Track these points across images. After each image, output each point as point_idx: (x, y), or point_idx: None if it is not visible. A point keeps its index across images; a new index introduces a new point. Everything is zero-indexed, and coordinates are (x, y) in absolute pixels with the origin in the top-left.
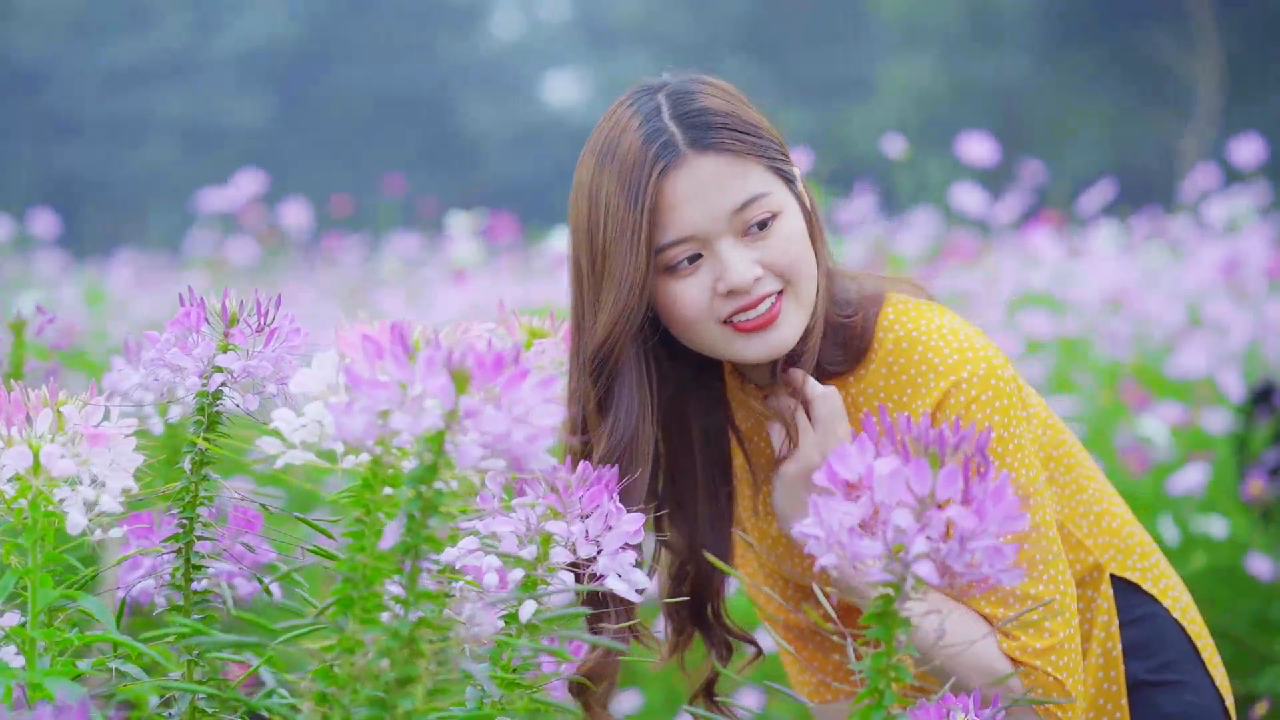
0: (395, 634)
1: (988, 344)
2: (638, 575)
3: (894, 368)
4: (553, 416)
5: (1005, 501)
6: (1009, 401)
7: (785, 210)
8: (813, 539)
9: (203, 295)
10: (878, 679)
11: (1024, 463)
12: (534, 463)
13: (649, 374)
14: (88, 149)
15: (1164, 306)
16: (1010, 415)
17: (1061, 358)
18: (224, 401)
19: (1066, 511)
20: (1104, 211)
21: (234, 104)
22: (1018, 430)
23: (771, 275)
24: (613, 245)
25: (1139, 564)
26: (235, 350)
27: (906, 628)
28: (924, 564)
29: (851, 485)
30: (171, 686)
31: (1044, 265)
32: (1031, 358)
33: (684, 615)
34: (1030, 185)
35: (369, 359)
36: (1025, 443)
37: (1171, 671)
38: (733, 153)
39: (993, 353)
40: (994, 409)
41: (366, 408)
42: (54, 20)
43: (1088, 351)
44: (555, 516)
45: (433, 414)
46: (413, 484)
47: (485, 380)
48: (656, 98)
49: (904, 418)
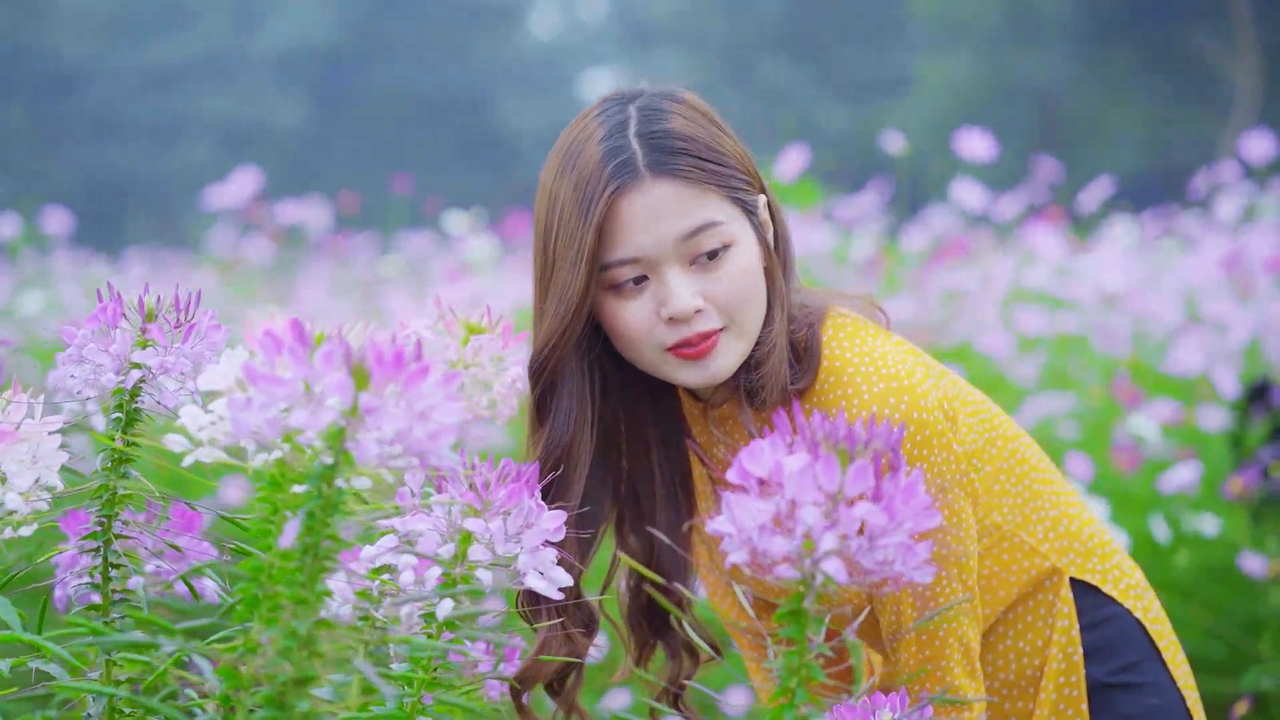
0: (293, 634)
1: (913, 371)
2: (559, 573)
3: (823, 388)
4: (456, 413)
5: (916, 499)
6: (929, 434)
7: (738, 243)
8: (726, 536)
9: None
10: (789, 678)
11: (947, 503)
12: (437, 459)
13: (592, 384)
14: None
15: (1165, 303)
16: (931, 450)
17: (1057, 355)
18: (143, 399)
19: (1019, 519)
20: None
21: (273, 103)
22: (942, 469)
23: (714, 309)
24: (560, 257)
25: (1099, 566)
26: (153, 346)
27: (818, 626)
28: (832, 561)
29: (764, 482)
30: (70, 689)
31: (1043, 262)
32: (1025, 355)
33: (645, 626)
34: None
35: (268, 355)
36: (948, 482)
37: (1133, 673)
38: (690, 180)
39: (917, 381)
40: (914, 444)
41: (264, 404)
42: (94, 20)
43: (1084, 349)
44: (474, 514)
45: (331, 411)
46: (313, 482)
47: (386, 377)
48: (628, 109)
49: (819, 416)
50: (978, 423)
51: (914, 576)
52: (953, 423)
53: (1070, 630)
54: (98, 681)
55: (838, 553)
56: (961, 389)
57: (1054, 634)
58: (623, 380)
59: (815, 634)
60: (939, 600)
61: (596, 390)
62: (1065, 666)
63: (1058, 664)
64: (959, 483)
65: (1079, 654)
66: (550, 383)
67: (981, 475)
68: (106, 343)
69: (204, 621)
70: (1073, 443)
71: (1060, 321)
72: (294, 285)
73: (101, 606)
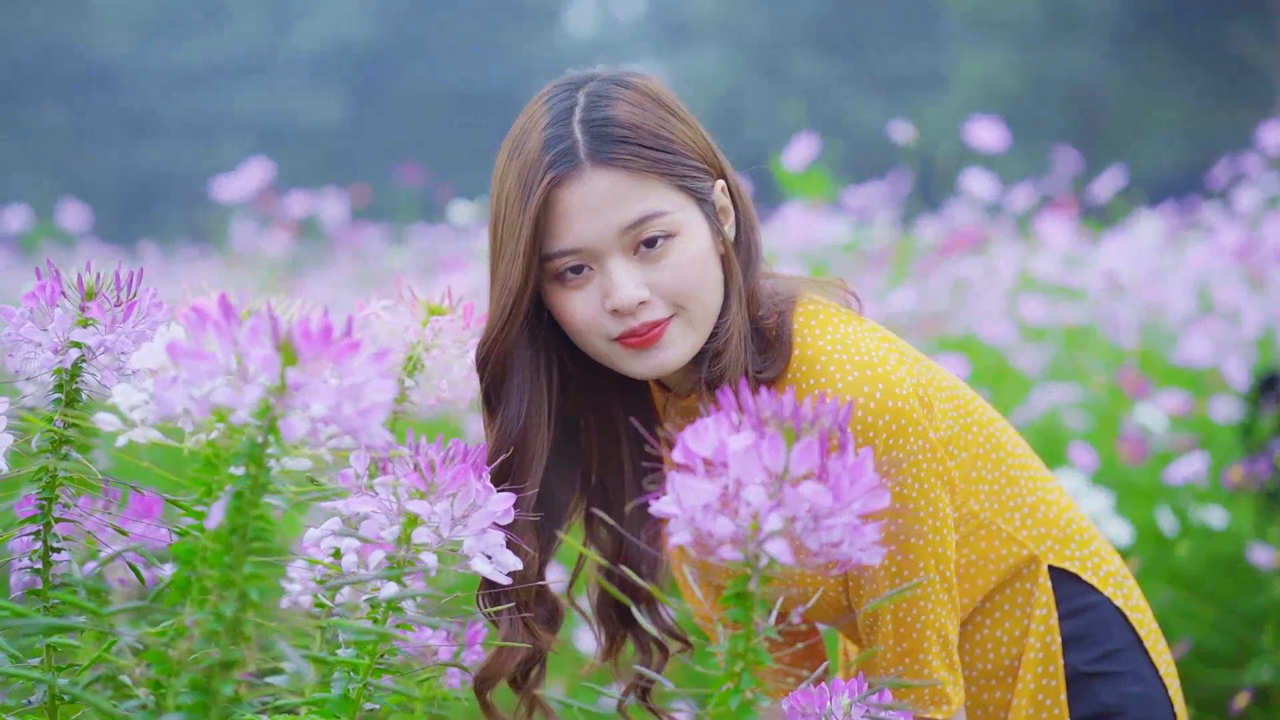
0: (219, 617)
1: (886, 357)
2: (507, 556)
3: (796, 377)
4: (387, 391)
5: (864, 479)
6: (905, 423)
7: (684, 231)
8: (671, 518)
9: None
10: (734, 662)
11: (923, 492)
12: (368, 437)
13: (548, 374)
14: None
15: (1177, 294)
16: (906, 438)
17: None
18: (84, 379)
19: (996, 506)
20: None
21: (309, 101)
22: (918, 457)
23: (660, 298)
24: (504, 245)
25: (1078, 553)
26: (93, 325)
27: (764, 609)
28: (777, 542)
29: (710, 462)
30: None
31: (1051, 252)
32: (1031, 345)
33: (615, 618)
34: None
35: (195, 331)
36: (924, 472)
37: (1112, 662)
38: (631, 169)
39: (891, 368)
40: (890, 433)
41: (187, 381)
42: (131, 18)
43: (1093, 339)
44: (419, 496)
45: (259, 388)
46: (242, 462)
47: (314, 353)
48: (575, 95)
49: (765, 393)
50: (953, 409)
51: (862, 559)
52: (928, 409)
53: (1049, 619)
54: (38, 668)
55: (783, 533)
56: (936, 375)
57: (1032, 623)
58: (588, 371)
59: (763, 617)
60: (916, 592)
61: (553, 380)
62: (1043, 656)
63: (1036, 653)
64: (934, 471)
65: (1057, 643)
66: (496, 374)
67: (958, 462)
68: (45, 321)
69: (136, 604)
70: (1080, 433)
71: (1068, 311)
72: (304, 278)
73: (41, 591)
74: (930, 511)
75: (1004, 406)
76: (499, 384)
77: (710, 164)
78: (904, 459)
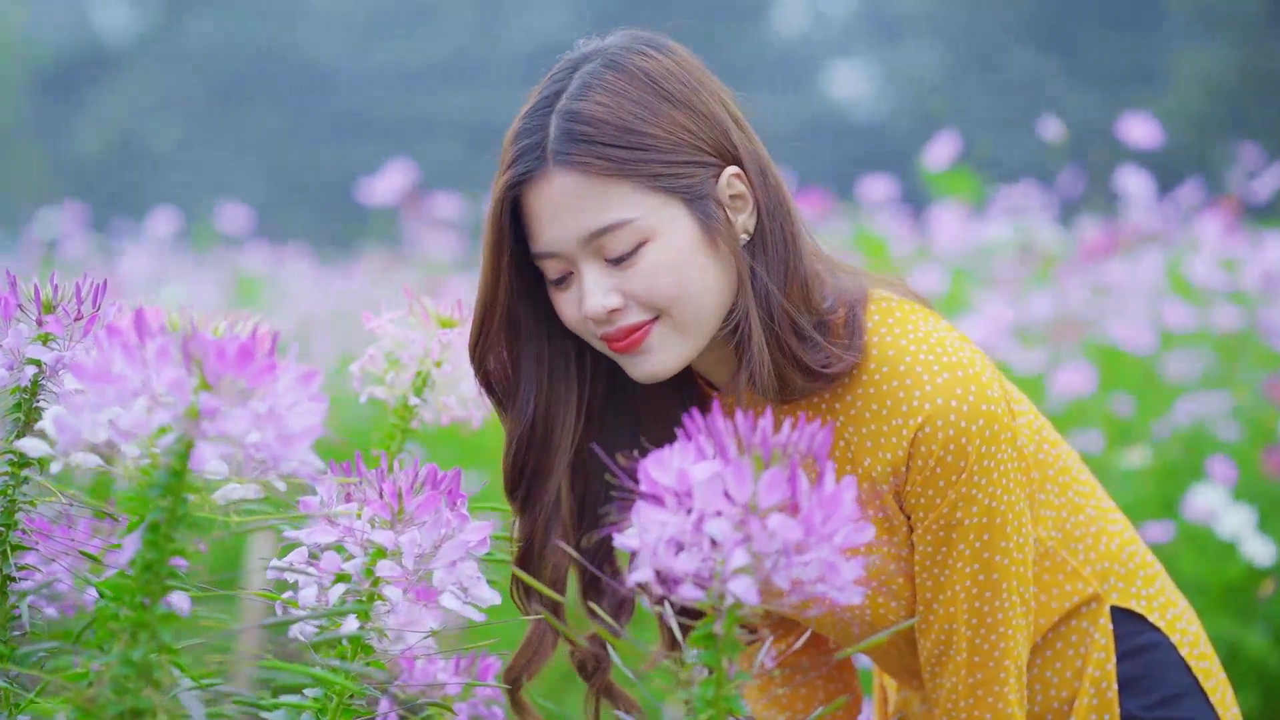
0: (127, 661)
1: (974, 357)
2: (483, 590)
3: (876, 379)
4: (313, 415)
5: (841, 511)
6: (998, 428)
7: (659, 235)
8: (633, 552)
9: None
10: (704, 709)
11: (1010, 504)
12: (292, 466)
13: (564, 367)
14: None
15: None
16: (999, 445)
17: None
18: (44, 396)
19: (1060, 536)
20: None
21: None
22: (1008, 466)
23: (635, 305)
24: (483, 241)
25: (1143, 591)
26: (52, 340)
27: (736, 652)
28: (740, 580)
29: (677, 493)
30: None
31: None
32: (1175, 351)
33: None
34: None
35: (105, 350)
36: (1013, 483)
37: (1170, 708)
38: (591, 172)
39: (980, 369)
40: (983, 439)
41: (92, 405)
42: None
43: (1248, 345)
44: (385, 525)
45: (165, 412)
46: (154, 492)
47: (226, 373)
48: (570, 77)
49: (742, 416)
50: (1025, 424)
51: (840, 598)
52: (1013, 417)
53: (1105, 664)
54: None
55: (749, 570)
56: (1007, 383)
57: (1087, 665)
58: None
59: (733, 660)
60: (996, 616)
61: (574, 375)
62: (1098, 703)
63: (1089, 699)
64: (1021, 483)
65: (1113, 690)
66: (484, 377)
67: (1029, 481)
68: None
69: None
70: (1227, 445)
71: (1221, 315)
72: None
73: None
74: (1015, 527)
75: (1145, 416)
76: (493, 383)
77: (717, 152)
78: (994, 468)
